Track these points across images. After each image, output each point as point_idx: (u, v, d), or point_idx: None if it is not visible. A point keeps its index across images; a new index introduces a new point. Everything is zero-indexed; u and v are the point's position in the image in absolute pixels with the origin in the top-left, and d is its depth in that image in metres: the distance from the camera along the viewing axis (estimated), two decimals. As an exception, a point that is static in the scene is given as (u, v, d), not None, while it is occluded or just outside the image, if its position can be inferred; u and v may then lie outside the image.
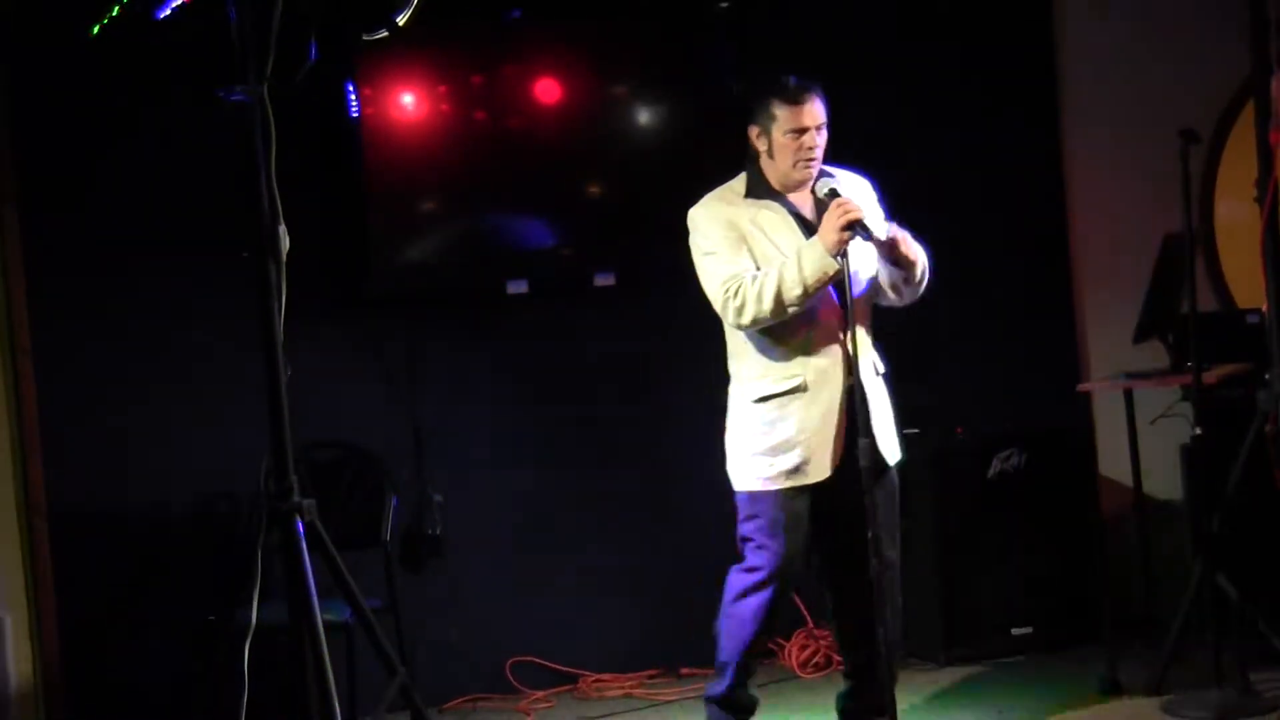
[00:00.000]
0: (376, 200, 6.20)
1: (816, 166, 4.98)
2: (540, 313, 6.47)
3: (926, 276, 5.02)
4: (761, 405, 4.99)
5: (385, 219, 6.24)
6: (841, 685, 5.28)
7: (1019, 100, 7.03)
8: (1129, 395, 6.13)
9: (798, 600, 6.31)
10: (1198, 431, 5.68)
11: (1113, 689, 5.75)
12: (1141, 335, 6.05)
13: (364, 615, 3.98)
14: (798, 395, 4.94)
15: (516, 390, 6.49)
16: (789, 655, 6.47)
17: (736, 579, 5.07)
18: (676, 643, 6.11)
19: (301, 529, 3.71)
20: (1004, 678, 6.16)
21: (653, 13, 6.48)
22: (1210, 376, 5.76)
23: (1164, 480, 6.51)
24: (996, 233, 6.96)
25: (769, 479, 4.98)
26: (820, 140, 4.97)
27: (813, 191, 4.96)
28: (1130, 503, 6.30)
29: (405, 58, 6.13)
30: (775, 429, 4.96)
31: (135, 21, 4.02)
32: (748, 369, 5.03)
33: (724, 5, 6.53)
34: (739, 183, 5.06)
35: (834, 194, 4.82)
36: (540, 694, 6.34)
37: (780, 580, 5.00)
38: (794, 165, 4.96)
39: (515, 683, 6.36)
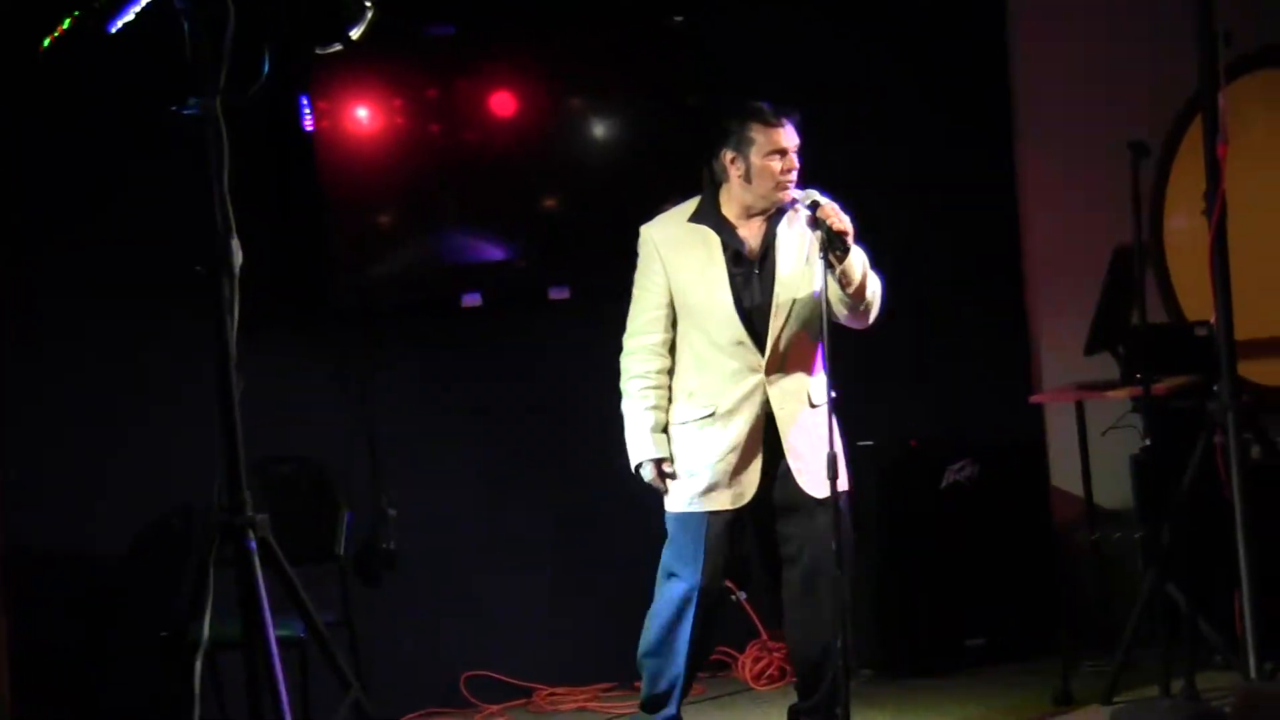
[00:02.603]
0: (331, 214, 6.20)
1: (793, 190, 5.00)
2: (495, 326, 6.48)
3: (876, 304, 5.03)
4: (680, 429, 5.06)
5: (340, 233, 6.24)
6: (794, 697, 5.30)
7: (972, 114, 7.07)
8: (1080, 407, 6.18)
9: (751, 613, 6.33)
10: (1147, 442, 5.73)
11: (1065, 699, 5.79)
12: (1092, 347, 6.10)
13: (318, 631, 3.96)
14: (710, 422, 5.00)
15: (472, 404, 6.49)
16: (742, 667, 6.49)
17: (657, 599, 5.12)
18: (631, 656, 6.09)
19: (254, 544, 3.70)
20: (957, 689, 6.18)
21: (608, 26, 6.50)
22: (1160, 388, 5.80)
23: (1115, 490, 6.55)
24: (949, 246, 6.99)
25: (683, 501, 5.05)
26: (797, 161, 5.01)
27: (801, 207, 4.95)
28: (1082, 513, 6.35)
29: (360, 71, 6.14)
30: (689, 453, 5.03)
31: (87, 36, 4.00)
32: (675, 392, 5.10)
33: (679, 19, 6.55)
34: (691, 205, 5.11)
35: (816, 205, 4.81)
36: (495, 708, 6.34)
37: (695, 602, 5.02)
38: (775, 188, 4.98)
39: (470, 697, 6.35)
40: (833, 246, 4.73)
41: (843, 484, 4.94)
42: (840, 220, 4.76)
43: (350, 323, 6.27)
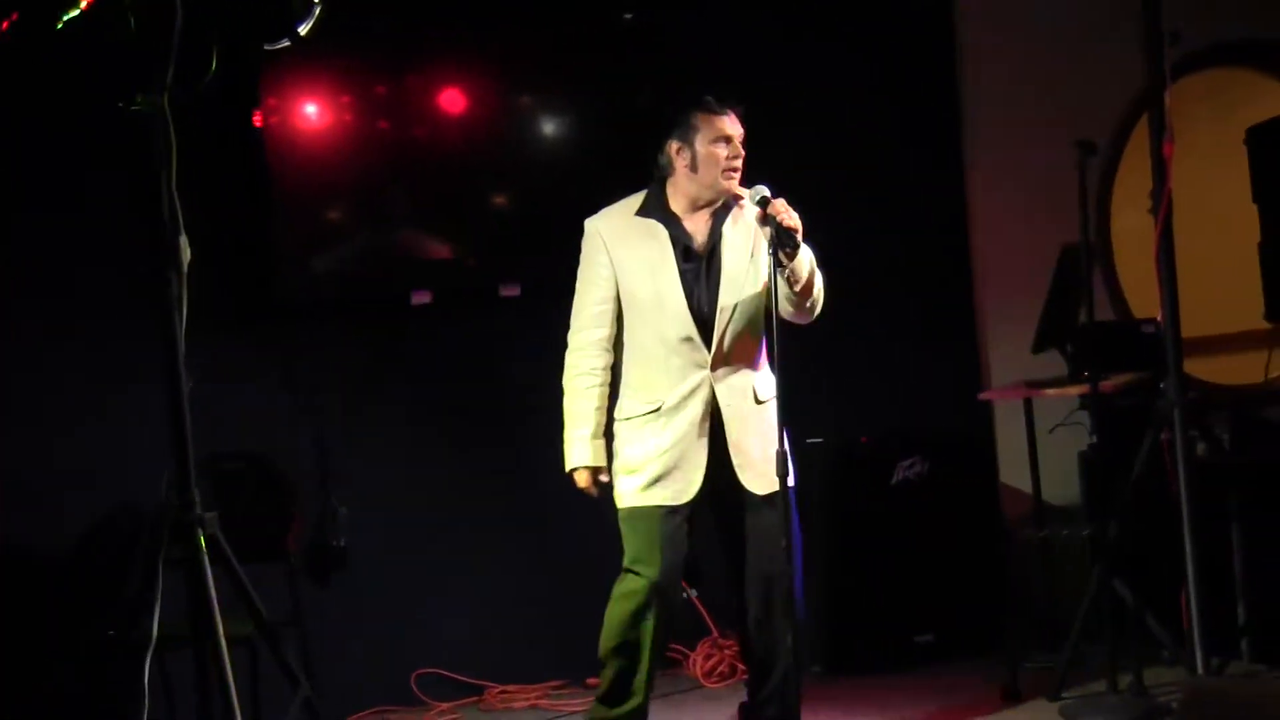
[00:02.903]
0: (280, 210, 6.17)
1: (737, 179, 5.00)
2: (445, 323, 6.46)
3: (820, 300, 5.02)
4: (625, 424, 5.05)
5: (289, 229, 6.21)
6: (744, 694, 5.31)
7: (921, 113, 7.10)
8: (1029, 404, 6.22)
9: (702, 610, 6.34)
10: (1095, 439, 5.77)
11: (1014, 695, 5.82)
12: (1041, 345, 6.13)
13: (267, 628, 3.95)
14: (655, 418, 5.00)
15: (422, 401, 6.48)
16: (693, 664, 6.50)
17: (615, 595, 5.09)
18: (582, 654, 6.08)
19: (203, 542, 3.69)
20: (906, 685, 6.20)
21: (558, 23, 6.49)
22: (1107, 385, 5.84)
23: (1063, 487, 6.59)
24: (899, 244, 7.02)
25: (630, 497, 5.04)
26: (742, 150, 5.02)
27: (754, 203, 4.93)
28: (1030, 509, 6.39)
29: (309, 68, 6.11)
30: (633, 449, 5.02)
31: (34, 32, 3.98)
32: (622, 388, 5.10)
33: (629, 17, 6.55)
34: (637, 199, 5.09)
35: (765, 201, 4.77)
36: (446, 706, 6.33)
37: (650, 610, 5.00)
38: (721, 174, 4.98)
39: (421, 695, 6.34)
40: (783, 244, 4.70)
41: (787, 480, 4.96)
42: (790, 217, 4.75)
43: (300, 320, 6.25)
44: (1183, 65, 6.28)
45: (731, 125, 5.00)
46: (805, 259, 4.85)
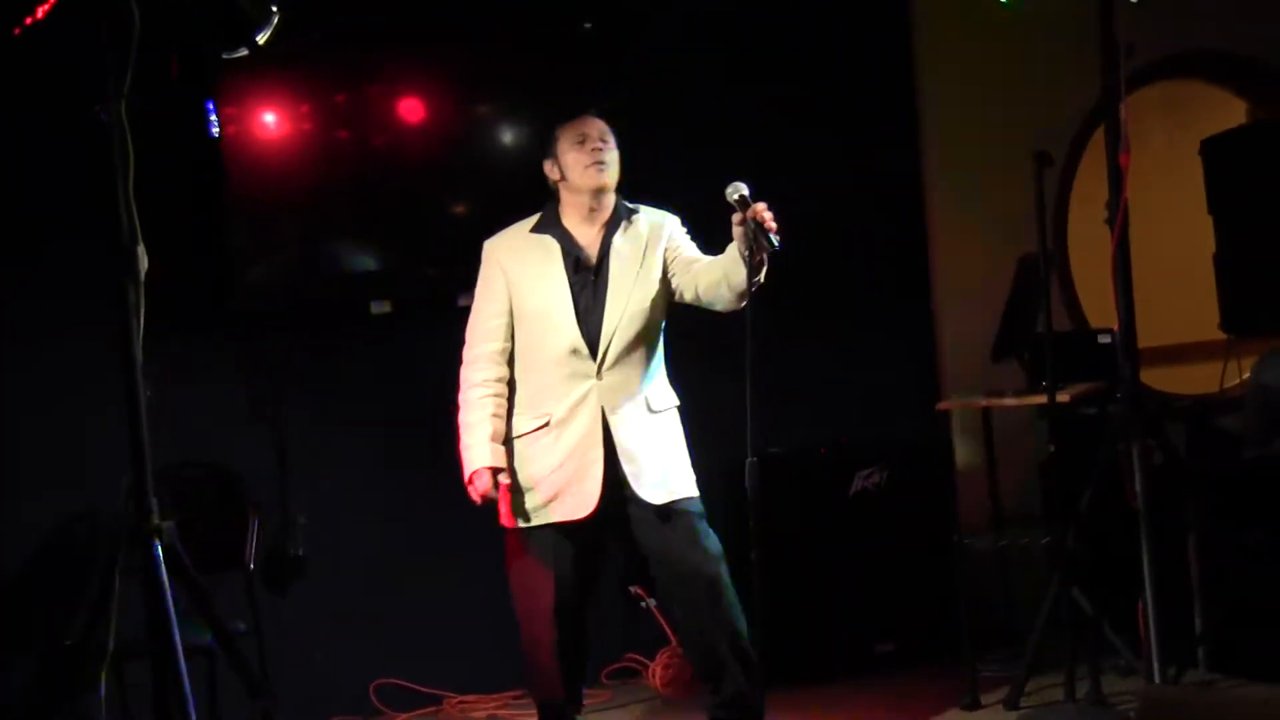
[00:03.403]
0: (238, 219, 6.15)
1: (608, 173, 5.05)
2: (404, 332, 6.45)
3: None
4: (518, 442, 5.05)
5: (247, 237, 6.20)
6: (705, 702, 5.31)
7: (878, 122, 7.13)
8: (986, 413, 6.24)
9: (661, 620, 6.33)
10: (1052, 449, 5.79)
11: (973, 704, 5.84)
12: (999, 354, 6.16)
13: (225, 638, 3.94)
14: (545, 433, 5.01)
15: (381, 410, 6.47)
16: (652, 675, 6.49)
17: (521, 622, 5.10)
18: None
19: (161, 551, 3.67)
20: (866, 694, 6.22)
21: (517, 33, 6.49)
22: (1065, 395, 5.86)
23: (1021, 496, 6.62)
24: (856, 252, 7.04)
25: (524, 516, 5.04)
26: (606, 146, 5.06)
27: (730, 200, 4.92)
28: (988, 519, 6.41)
29: (267, 76, 6.09)
30: (527, 466, 5.03)
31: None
32: (514, 404, 5.09)
33: (588, 26, 6.56)
34: (534, 218, 5.18)
35: (745, 203, 4.73)
36: (404, 716, 6.31)
37: (554, 619, 5.00)
38: (585, 170, 5.04)
39: (379, 705, 6.32)
40: (759, 244, 4.70)
41: (686, 490, 4.99)
42: (771, 220, 4.76)
43: (258, 328, 6.23)
44: (1138, 77, 6.34)
45: (586, 125, 5.09)
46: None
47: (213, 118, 6.01)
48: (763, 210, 4.70)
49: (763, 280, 4.79)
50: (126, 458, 3.70)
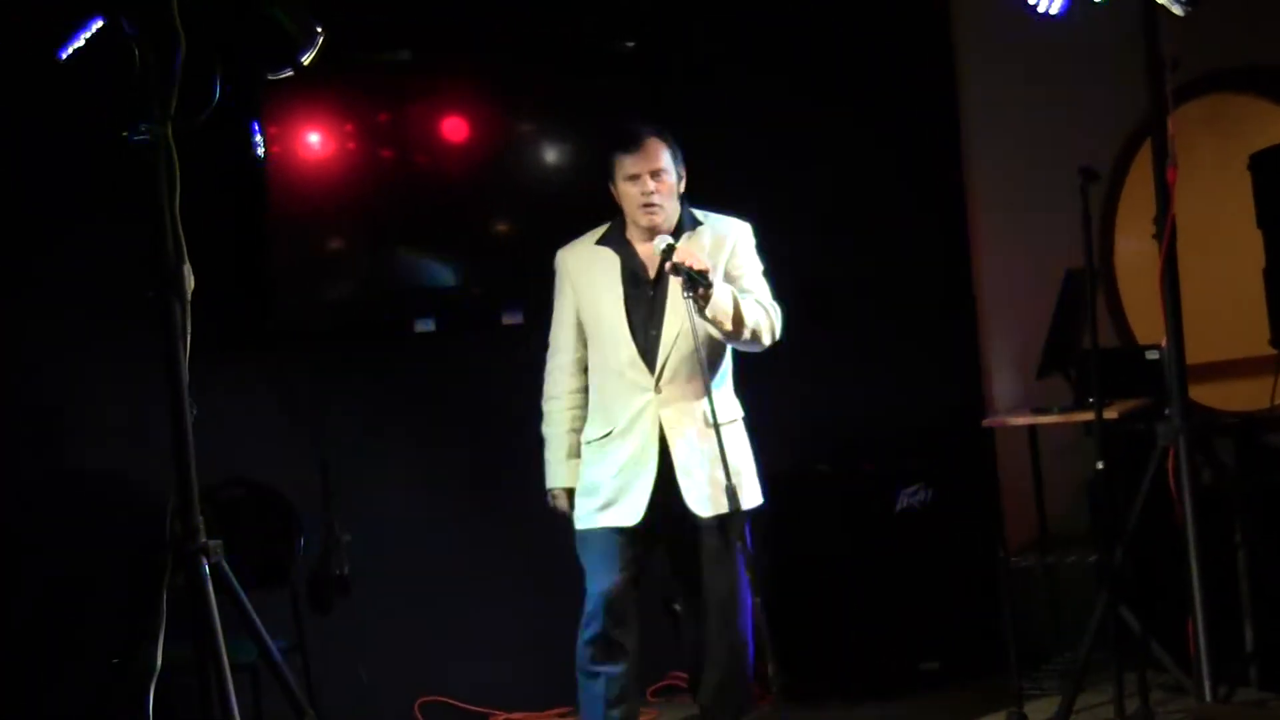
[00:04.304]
0: (282, 238, 6.18)
1: (661, 213, 5.04)
2: (448, 351, 6.47)
3: (765, 332, 5.02)
4: (587, 448, 5.18)
5: (291, 257, 6.22)
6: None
7: (922, 141, 7.11)
8: (1033, 430, 6.20)
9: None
10: (1100, 466, 5.75)
11: (1019, 722, 5.81)
12: (1045, 371, 6.12)
13: (271, 656, 3.94)
14: (609, 441, 5.10)
15: (425, 429, 6.48)
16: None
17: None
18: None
19: (207, 570, 3.68)
20: (911, 712, 6.19)
21: (560, 51, 6.50)
22: (1112, 411, 5.83)
23: (1067, 514, 6.58)
24: (902, 269, 7.02)
25: (584, 519, 5.15)
26: (659, 185, 5.03)
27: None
28: (1035, 536, 6.37)
29: (311, 96, 6.13)
30: (591, 471, 5.14)
31: (37, 61, 4.00)
32: (589, 410, 5.21)
33: (630, 45, 6.57)
34: (603, 228, 5.22)
35: (670, 250, 4.84)
36: (450, 734, 6.32)
37: (598, 618, 5.11)
38: (637, 210, 5.06)
39: (425, 723, 6.33)
40: (696, 285, 4.75)
41: (739, 504, 4.94)
42: (699, 260, 4.79)
43: (302, 347, 6.25)
44: (1183, 92, 6.28)
45: (638, 163, 5.04)
46: (725, 298, 4.87)
47: (257, 138, 6.05)
48: (685, 252, 4.80)
49: (752, 328, 4.93)
50: (173, 477, 3.71)
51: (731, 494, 4.73)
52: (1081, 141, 6.69)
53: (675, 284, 4.98)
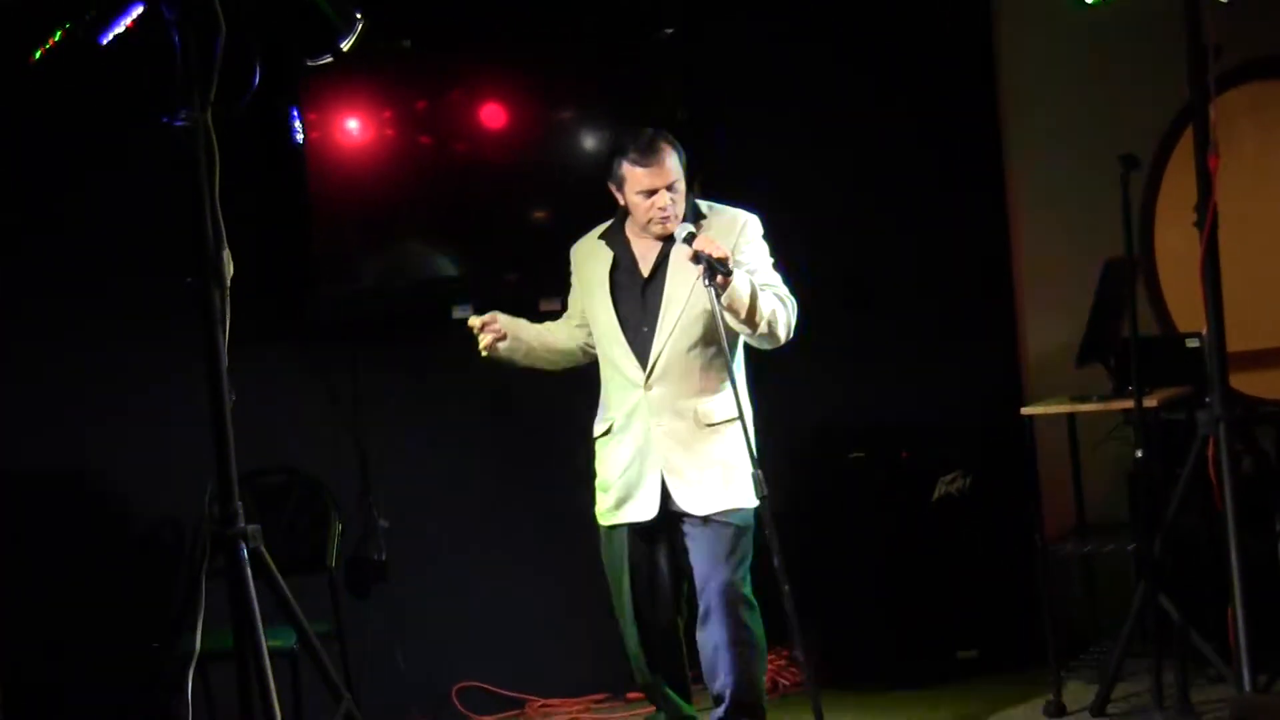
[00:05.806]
0: (321, 225, 6.20)
1: (674, 221, 4.99)
2: (486, 337, 6.46)
3: (780, 326, 4.98)
4: (596, 443, 5.23)
5: (330, 244, 6.24)
6: (791, 709, 5.34)
7: (961, 127, 7.07)
8: (1072, 419, 6.18)
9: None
10: (1140, 454, 5.72)
11: (1057, 711, 5.78)
12: (1084, 359, 6.09)
13: (309, 641, 3.96)
14: (611, 437, 5.13)
15: (462, 415, 6.49)
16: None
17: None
18: (623, 667, 6.09)
19: (246, 555, 3.70)
20: (949, 700, 6.18)
21: (597, 39, 6.50)
22: (1152, 400, 5.80)
23: (1106, 502, 6.55)
24: (940, 259, 6.99)
25: (601, 516, 5.20)
26: (672, 198, 4.99)
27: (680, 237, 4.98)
28: (1073, 525, 6.35)
29: (350, 83, 6.14)
30: (601, 467, 5.20)
31: (78, 47, 4.00)
32: (598, 404, 5.27)
33: (669, 32, 6.56)
34: (607, 223, 5.23)
35: (690, 238, 4.83)
36: (487, 719, 6.32)
37: (626, 617, 5.17)
38: (647, 224, 5.05)
39: (462, 708, 6.34)
40: (715, 272, 4.71)
41: (728, 503, 4.97)
42: (719, 247, 4.77)
43: (340, 334, 6.26)
44: (1227, 78, 6.24)
45: (656, 176, 4.98)
46: (743, 287, 4.83)
47: (297, 124, 6.06)
48: (705, 241, 4.78)
49: (769, 321, 4.89)
50: (212, 463, 3.73)
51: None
52: (1121, 129, 6.65)
53: (672, 281, 4.98)
